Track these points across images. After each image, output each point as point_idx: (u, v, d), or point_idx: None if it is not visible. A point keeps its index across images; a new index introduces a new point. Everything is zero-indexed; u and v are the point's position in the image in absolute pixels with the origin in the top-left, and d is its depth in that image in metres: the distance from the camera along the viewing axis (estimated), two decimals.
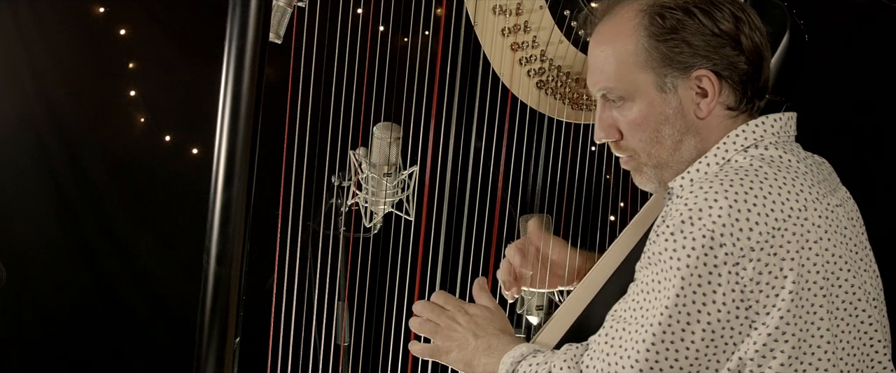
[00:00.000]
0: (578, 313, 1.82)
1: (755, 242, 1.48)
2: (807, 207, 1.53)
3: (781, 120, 1.64)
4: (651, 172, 1.70)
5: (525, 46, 1.88)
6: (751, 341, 1.51)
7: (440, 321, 1.84)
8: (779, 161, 1.58)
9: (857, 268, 1.60)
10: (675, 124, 1.64)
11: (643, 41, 1.61)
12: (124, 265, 3.85)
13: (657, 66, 1.61)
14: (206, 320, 1.75)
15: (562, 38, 1.88)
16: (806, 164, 1.62)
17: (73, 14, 3.66)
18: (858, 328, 1.60)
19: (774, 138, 1.63)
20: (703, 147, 1.65)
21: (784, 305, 1.50)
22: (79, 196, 3.77)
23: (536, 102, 1.90)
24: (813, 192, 1.56)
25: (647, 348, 1.52)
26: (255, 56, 1.70)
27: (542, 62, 1.89)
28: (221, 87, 1.71)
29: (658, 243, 1.53)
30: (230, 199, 1.72)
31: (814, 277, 1.52)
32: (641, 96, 1.64)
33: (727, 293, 1.49)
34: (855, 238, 1.62)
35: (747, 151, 1.61)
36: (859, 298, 1.59)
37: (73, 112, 3.71)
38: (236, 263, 1.75)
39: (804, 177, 1.57)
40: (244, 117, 1.71)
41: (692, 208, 1.50)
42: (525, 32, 1.86)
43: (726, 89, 1.62)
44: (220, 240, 1.73)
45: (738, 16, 1.60)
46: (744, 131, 1.63)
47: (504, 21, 1.86)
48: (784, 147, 1.62)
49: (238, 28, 1.69)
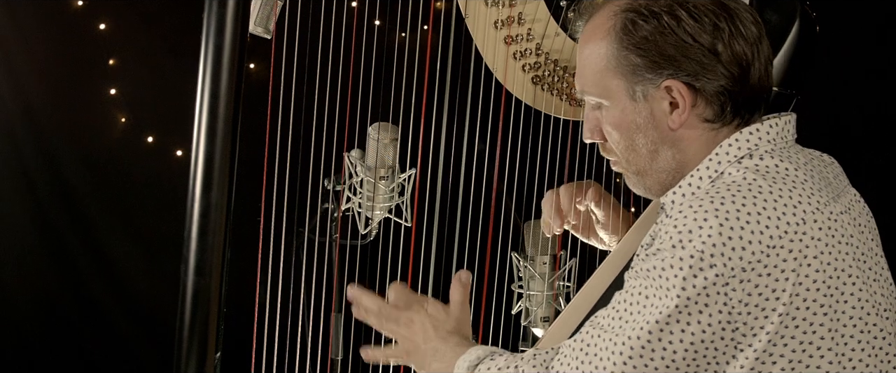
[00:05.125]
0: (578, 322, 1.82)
1: (747, 263, 1.48)
2: (805, 219, 1.52)
3: (777, 125, 1.64)
4: (633, 178, 1.72)
5: (519, 40, 1.87)
6: (737, 364, 1.52)
7: (399, 328, 1.85)
8: (775, 172, 1.57)
9: (866, 279, 1.59)
10: (647, 134, 1.65)
11: (613, 48, 1.62)
12: (102, 273, 3.85)
13: (627, 75, 1.62)
14: (184, 333, 1.75)
15: (558, 30, 1.87)
16: (805, 170, 1.60)
17: (50, 7, 3.66)
18: (871, 344, 1.59)
19: (770, 146, 1.62)
20: (682, 159, 1.65)
21: (772, 327, 1.50)
22: (55, 200, 3.77)
23: (532, 99, 1.90)
24: (813, 202, 1.55)
25: (625, 360, 1.53)
26: (233, 53, 1.70)
27: (537, 56, 1.88)
28: (198, 86, 1.70)
29: (648, 261, 1.54)
30: (209, 206, 1.72)
31: (813, 295, 1.51)
32: (614, 102, 1.65)
33: (714, 314, 1.49)
34: (863, 246, 1.61)
35: (741, 161, 1.61)
36: (868, 312, 1.58)
37: (50, 111, 3.70)
38: (216, 274, 1.74)
39: (802, 186, 1.56)
40: (223, 118, 1.71)
41: (682, 231, 1.50)
42: (519, 25, 1.86)
43: (701, 101, 1.61)
44: (198, 250, 1.73)
45: (717, 24, 1.59)
46: (737, 140, 1.62)
47: (497, 13, 1.85)
48: (781, 155, 1.61)
49: (215, 24, 1.69)
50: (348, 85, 1.94)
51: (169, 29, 3.74)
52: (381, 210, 2.08)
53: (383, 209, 2.07)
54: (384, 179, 2.06)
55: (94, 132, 3.77)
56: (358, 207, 2.09)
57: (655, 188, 1.70)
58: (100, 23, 3.73)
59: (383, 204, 2.07)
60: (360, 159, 2.10)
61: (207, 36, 1.69)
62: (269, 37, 1.89)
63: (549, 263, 2.09)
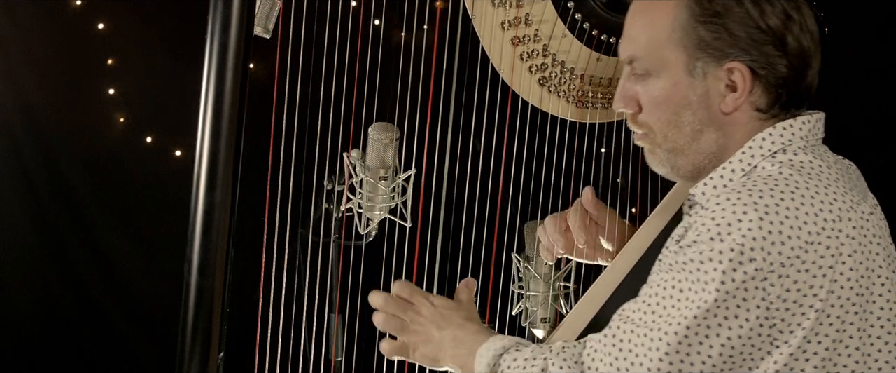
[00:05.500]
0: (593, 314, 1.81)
1: (786, 258, 1.47)
2: (841, 217, 1.51)
3: (809, 122, 1.63)
4: (664, 155, 1.69)
5: (526, 41, 1.86)
6: (771, 360, 1.51)
7: (405, 316, 1.83)
8: (809, 168, 1.57)
9: (894, 280, 1.58)
10: (696, 112, 1.63)
11: (683, 18, 1.60)
12: (102, 273, 3.83)
13: (691, 48, 1.60)
14: (187, 333, 1.75)
15: (565, 31, 1.86)
16: (836, 169, 1.60)
17: (48, 7, 3.64)
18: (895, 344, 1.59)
19: (803, 142, 1.61)
20: (725, 143, 1.63)
21: (809, 324, 1.49)
22: (54, 199, 3.75)
23: (538, 100, 1.89)
24: (846, 200, 1.54)
25: (661, 357, 1.52)
26: (238, 52, 1.69)
27: (544, 58, 1.87)
28: (203, 85, 1.70)
29: (682, 254, 1.52)
30: (213, 204, 1.72)
31: (846, 293, 1.51)
32: (668, 74, 1.63)
33: (752, 310, 1.48)
34: (889, 247, 1.60)
35: (775, 156, 1.60)
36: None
37: (49, 111, 3.68)
38: (220, 274, 1.74)
39: (836, 184, 1.56)
40: (227, 117, 1.71)
41: (720, 223, 1.49)
42: (526, 26, 1.85)
43: (759, 89, 1.60)
44: (202, 249, 1.73)
45: (790, 13, 1.58)
46: (770, 135, 1.61)
47: (504, 13, 1.84)
48: (813, 151, 1.61)
49: (220, 22, 1.68)
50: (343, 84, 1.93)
51: (168, 28, 3.72)
52: (380, 210, 2.07)
53: (383, 210, 2.07)
54: (384, 179, 2.05)
55: (92, 132, 3.75)
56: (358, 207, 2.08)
57: (686, 169, 1.68)
58: (98, 22, 3.71)
59: (383, 204, 2.06)
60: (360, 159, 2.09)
61: (212, 34, 1.69)
62: (269, 36, 1.88)
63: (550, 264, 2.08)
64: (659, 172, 1.73)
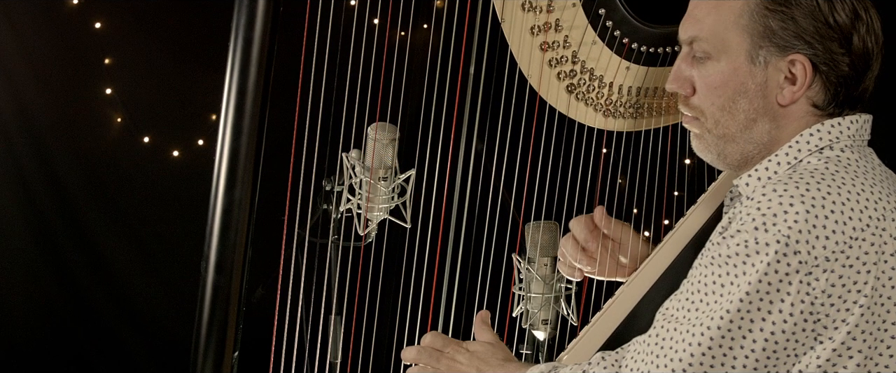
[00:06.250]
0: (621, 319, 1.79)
1: (831, 252, 1.46)
2: (885, 216, 1.51)
3: (858, 122, 1.63)
4: (712, 140, 1.68)
5: (556, 47, 1.85)
6: (813, 355, 1.50)
7: (440, 365, 1.80)
8: (856, 165, 1.57)
9: None
10: (752, 101, 1.62)
11: (752, 5, 1.59)
12: (98, 276, 3.82)
13: (756, 36, 1.59)
14: (202, 332, 1.74)
15: (595, 38, 1.85)
16: (881, 170, 1.61)
17: (44, 6, 3.63)
18: None
19: (850, 141, 1.61)
20: (776, 135, 1.63)
21: (853, 319, 1.48)
22: (50, 201, 3.74)
23: (566, 108, 1.88)
24: (891, 201, 1.54)
25: (703, 351, 1.50)
26: (262, 49, 1.69)
27: (573, 64, 1.86)
28: (226, 81, 1.69)
29: (727, 245, 1.51)
30: (232, 202, 1.71)
31: (889, 292, 1.50)
32: (728, 59, 1.62)
33: (796, 304, 1.47)
34: None
35: (822, 152, 1.60)
36: None
37: (45, 111, 3.67)
38: (237, 273, 1.73)
39: (881, 184, 1.56)
40: (249, 114, 1.70)
41: (765, 213, 1.48)
42: (556, 32, 1.84)
43: (818, 84, 1.60)
44: (220, 247, 1.72)
45: (859, 13, 1.58)
46: (819, 131, 1.61)
47: (533, 18, 1.83)
48: (860, 151, 1.61)
49: (246, 17, 1.67)
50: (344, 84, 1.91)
51: (165, 28, 3.72)
52: (380, 211, 2.06)
53: (383, 211, 2.06)
54: (384, 179, 2.04)
55: (89, 132, 3.74)
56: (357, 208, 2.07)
57: (734, 157, 1.67)
58: (95, 21, 3.70)
59: (382, 205, 2.05)
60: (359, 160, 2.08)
61: (237, 30, 1.68)
62: None
63: (551, 266, 2.08)
64: (704, 158, 1.73)
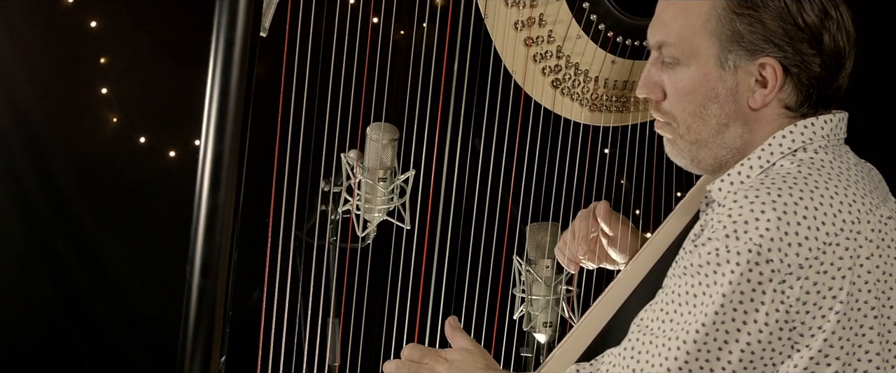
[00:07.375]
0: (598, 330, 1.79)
1: (804, 259, 1.44)
2: (860, 219, 1.50)
3: (832, 121, 1.61)
4: (685, 146, 1.66)
5: (540, 42, 1.84)
6: (791, 364, 1.49)
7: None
8: (829, 167, 1.55)
9: None
10: (723, 106, 1.60)
11: (719, 8, 1.57)
12: (94, 277, 3.80)
13: (724, 40, 1.58)
14: (188, 336, 1.72)
15: (580, 33, 1.84)
16: (856, 170, 1.59)
17: (39, 5, 3.61)
18: None
19: (824, 141, 1.59)
20: (749, 139, 1.61)
21: (829, 326, 1.47)
22: (45, 202, 3.72)
23: (552, 103, 1.87)
24: (866, 202, 1.53)
25: (679, 366, 1.49)
26: (245, 49, 1.67)
27: (558, 59, 1.85)
28: (208, 82, 1.68)
29: (698, 254, 1.50)
30: (216, 205, 1.70)
31: (865, 296, 1.49)
32: (697, 64, 1.60)
33: (771, 313, 1.45)
34: None
35: (795, 154, 1.58)
36: None
37: (39, 111, 3.65)
38: (223, 275, 1.72)
39: (856, 186, 1.54)
40: (232, 116, 1.69)
41: (737, 221, 1.46)
42: (540, 27, 1.83)
43: (790, 86, 1.58)
44: (204, 250, 1.71)
45: (828, 11, 1.56)
46: (791, 132, 1.59)
47: (517, 13, 1.82)
48: (834, 151, 1.59)
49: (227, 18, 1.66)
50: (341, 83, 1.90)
51: (162, 27, 3.70)
52: (379, 212, 2.05)
53: (382, 212, 2.05)
54: (383, 180, 2.03)
55: (84, 132, 3.72)
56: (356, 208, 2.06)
57: (707, 162, 1.66)
58: (91, 20, 3.69)
59: (382, 206, 2.04)
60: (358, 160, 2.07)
61: (218, 30, 1.67)
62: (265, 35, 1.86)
63: (552, 268, 2.08)
64: (678, 164, 1.72)
